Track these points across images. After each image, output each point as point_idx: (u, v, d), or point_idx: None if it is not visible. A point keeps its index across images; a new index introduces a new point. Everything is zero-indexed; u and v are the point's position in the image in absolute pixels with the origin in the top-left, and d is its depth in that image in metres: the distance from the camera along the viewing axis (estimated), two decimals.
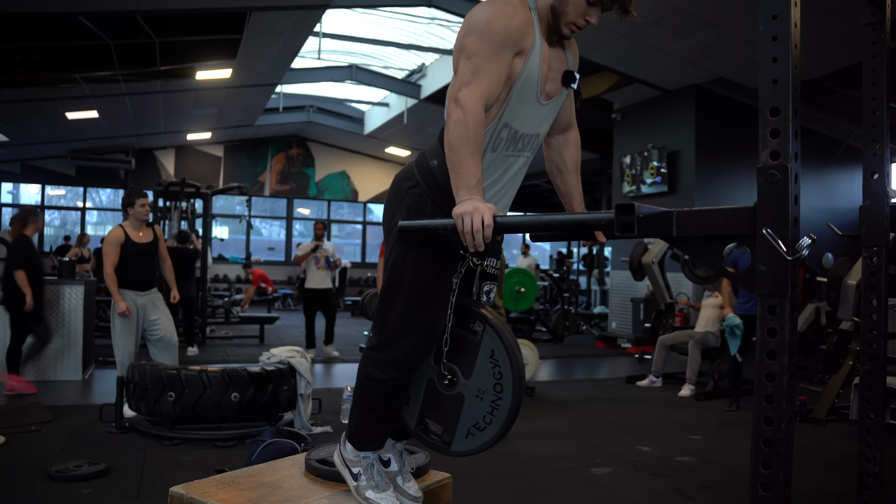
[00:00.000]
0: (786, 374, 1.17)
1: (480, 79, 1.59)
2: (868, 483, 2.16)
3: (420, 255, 1.73)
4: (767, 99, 1.21)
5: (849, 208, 10.21)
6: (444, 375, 1.82)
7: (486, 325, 1.78)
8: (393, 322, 1.77)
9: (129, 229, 4.64)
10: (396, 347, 1.76)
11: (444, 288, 1.76)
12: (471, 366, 1.79)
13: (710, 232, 1.27)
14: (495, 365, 1.75)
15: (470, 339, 1.80)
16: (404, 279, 1.75)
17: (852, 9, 6.00)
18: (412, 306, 1.74)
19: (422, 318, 1.74)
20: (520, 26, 1.63)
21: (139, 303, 4.59)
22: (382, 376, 1.78)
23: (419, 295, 1.74)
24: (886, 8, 2.15)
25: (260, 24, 7.98)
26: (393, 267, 1.77)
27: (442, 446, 1.84)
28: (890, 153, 2.21)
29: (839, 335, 5.33)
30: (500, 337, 1.76)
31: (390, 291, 1.78)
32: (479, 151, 1.58)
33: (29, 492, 2.99)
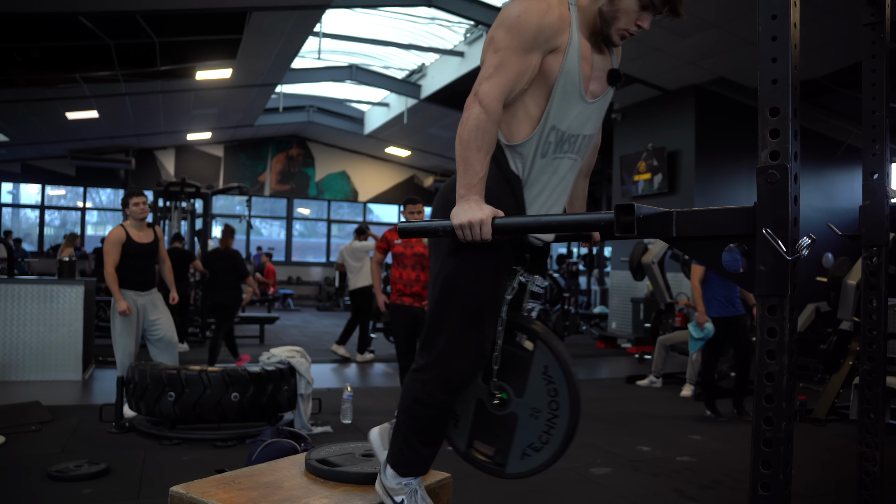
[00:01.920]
0: (785, 374, 1.17)
1: (504, 73, 1.56)
2: (868, 483, 2.16)
3: (476, 269, 1.67)
4: (767, 99, 1.21)
5: (849, 208, 10.21)
6: (495, 395, 1.75)
7: (537, 339, 1.71)
8: (445, 340, 1.68)
9: (130, 229, 4.63)
10: (449, 367, 1.68)
11: (497, 303, 1.70)
12: (523, 383, 1.72)
13: (710, 232, 1.27)
14: (549, 381, 1.68)
15: (520, 355, 1.73)
16: (457, 296, 1.67)
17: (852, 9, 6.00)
18: (465, 323, 1.67)
19: (475, 335, 1.67)
20: (553, 23, 1.59)
21: (139, 303, 4.58)
22: (432, 399, 1.69)
23: (473, 312, 1.67)
24: (886, 8, 2.15)
25: (260, 24, 7.98)
26: (446, 282, 1.69)
27: (495, 468, 1.77)
28: (890, 153, 2.21)
29: (839, 335, 5.33)
30: (554, 352, 1.68)
31: (443, 308, 1.70)
32: (488, 149, 1.56)
33: (29, 492, 2.99)
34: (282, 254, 16.92)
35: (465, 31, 9.99)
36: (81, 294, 5.89)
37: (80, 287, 5.91)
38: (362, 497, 1.89)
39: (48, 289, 5.78)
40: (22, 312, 5.69)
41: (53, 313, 5.76)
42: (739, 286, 1.28)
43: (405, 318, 4.70)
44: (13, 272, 6.18)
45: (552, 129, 1.67)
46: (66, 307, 5.80)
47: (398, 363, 4.87)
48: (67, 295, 5.82)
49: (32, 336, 5.69)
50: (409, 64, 11.82)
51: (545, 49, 1.60)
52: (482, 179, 1.56)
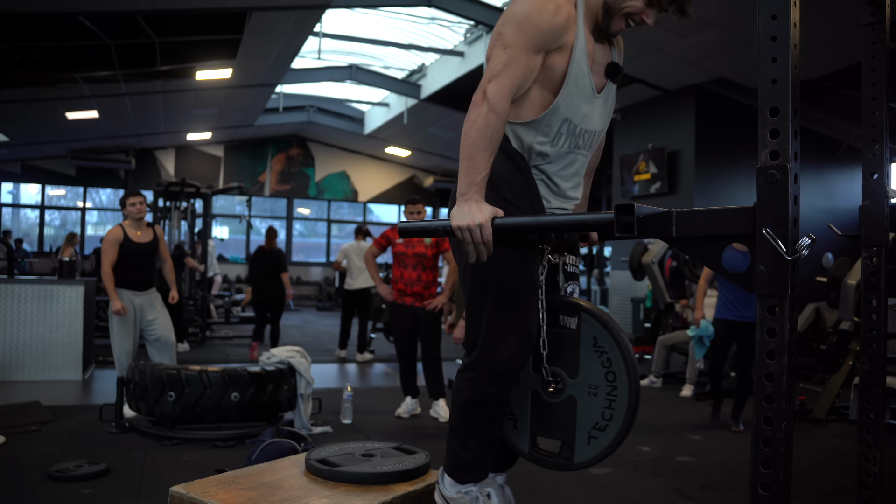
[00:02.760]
0: (785, 374, 1.17)
1: (512, 71, 1.56)
2: (868, 483, 2.16)
3: (501, 256, 1.64)
4: (767, 99, 1.21)
5: (849, 208, 10.21)
6: (549, 382, 1.71)
7: (580, 312, 1.67)
8: (486, 331, 1.66)
9: (129, 229, 4.64)
10: (496, 358, 1.65)
11: (532, 285, 1.67)
12: (574, 362, 1.67)
13: (710, 232, 1.27)
14: (601, 352, 1.63)
15: (567, 334, 1.69)
16: (489, 284, 1.66)
17: (852, 9, 6.00)
18: (503, 309, 1.65)
19: (515, 319, 1.65)
20: (561, 23, 1.59)
21: (137, 302, 4.59)
22: (484, 396, 1.65)
23: (508, 296, 1.65)
24: (886, 8, 2.15)
25: (260, 24, 7.98)
26: (474, 276, 1.69)
27: (564, 462, 1.71)
28: (890, 153, 2.21)
29: (839, 335, 5.33)
30: (600, 321, 1.64)
31: (477, 302, 1.69)
32: (493, 148, 1.56)
33: (29, 492, 2.99)
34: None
35: (465, 31, 9.98)
36: (81, 294, 5.89)
37: (80, 287, 5.91)
38: (362, 497, 1.89)
39: (48, 289, 5.78)
40: (22, 312, 5.69)
41: (53, 313, 5.77)
42: (740, 286, 1.27)
43: (406, 318, 4.70)
44: (13, 272, 6.18)
45: (565, 120, 1.67)
46: (66, 307, 5.80)
47: (398, 363, 4.87)
48: (67, 295, 5.82)
49: (32, 336, 5.69)
50: (409, 64, 11.82)
51: (551, 48, 1.61)
52: (484, 178, 1.56)
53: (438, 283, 4.97)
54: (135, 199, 4.63)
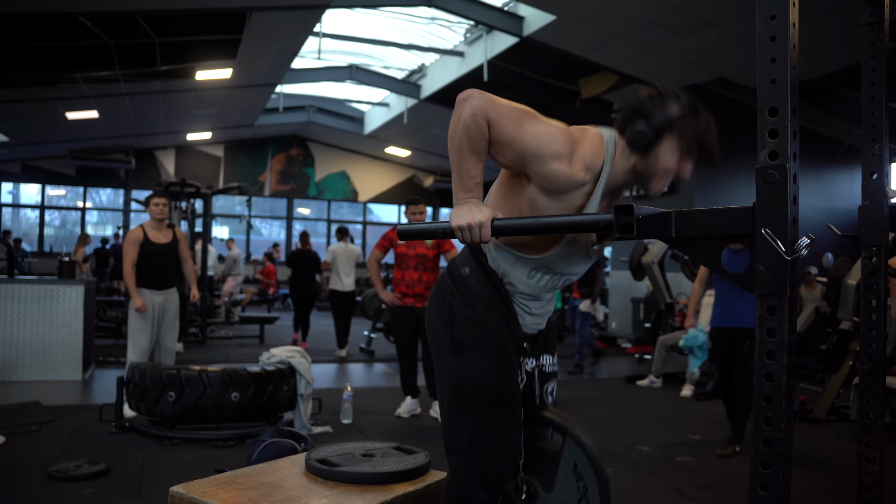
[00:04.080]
0: (785, 374, 1.17)
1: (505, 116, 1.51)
2: (868, 483, 2.16)
3: (481, 361, 1.66)
4: (766, 99, 1.21)
5: (848, 208, 10.20)
6: (522, 489, 1.72)
7: (566, 435, 1.69)
8: (470, 438, 1.65)
9: (149, 229, 4.74)
10: (480, 466, 1.64)
11: (514, 390, 1.68)
12: (551, 479, 1.69)
13: (709, 232, 1.27)
14: (579, 478, 1.66)
15: (548, 449, 1.71)
16: (471, 391, 1.66)
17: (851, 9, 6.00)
18: (486, 415, 1.64)
19: (500, 426, 1.65)
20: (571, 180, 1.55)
21: (156, 301, 4.68)
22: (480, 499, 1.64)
23: (491, 401, 1.65)
24: (885, 8, 2.15)
25: (260, 24, 7.99)
26: (453, 380, 1.68)
27: None
28: (889, 153, 2.21)
29: (839, 335, 5.33)
30: (584, 449, 1.66)
31: (458, 407, 1.68)
32: (479, 156, 1.54)
33: (29, 492, 2.99)
34: (282, 254, 16.92)
35: (465, 31, 9.98)
36: (81, 294, 5.89)
37: (80, 287, 5.91)
38: (362, 497, 1.89)
39: (48, 289, 5.78)
40: (22, 312, 5.69)
41: (53, 313, 5.76)
42: (740, 286, 1.27)
43: (407, 319, 4.70)
44: (13, 272, 6.18)
45: (549, 269, 1.68)
46: (66, 307, 5.80)
47: (399, 363, 4.87)
48: (67, 295, 5.82)
49: (32, 336, 5.69)
50: (409, 64, 11.82)
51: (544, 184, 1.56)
52: (479, 183, 1.56)
53: None
54: (159, 200, 4.74)
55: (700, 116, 1.55)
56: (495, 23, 8.41)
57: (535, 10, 7.77)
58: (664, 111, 1.53)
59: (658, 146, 1.55)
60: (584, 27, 7.50)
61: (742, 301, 4.08)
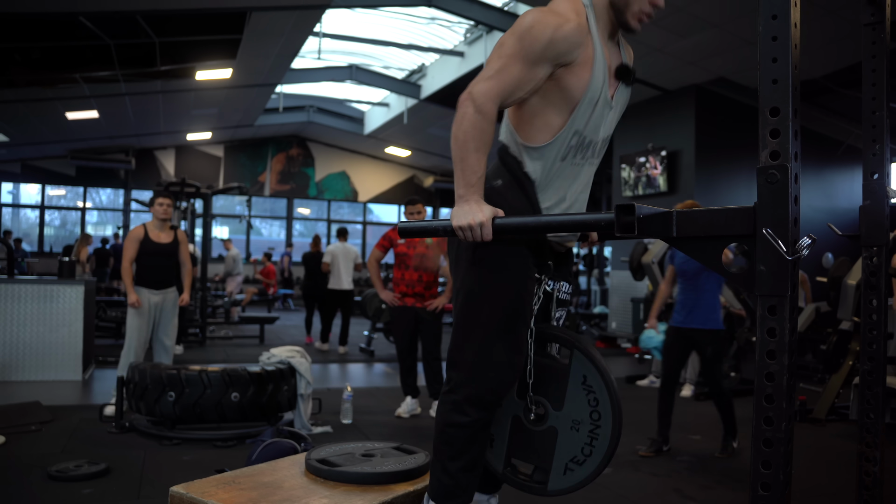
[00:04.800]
0: (785, 374, 1.17)
1: (503, 77, 1.54)
2: (868, 483, 2.16)
3: (497, 280, 1.63)
4: (767, 99, 1.21)
5: (849, 208, 10.21)
6: (532, 410, 1.70)
7: (574, 349, 1.68)
8: (473, 356, 1.63)
9: (151, 228, 4.78)
10: (479, 384, 1.62)
11: (525, 313, 1.66)
12: (561, 395, 1.68)
13: (710, 232, 1.27)
14: (589, 391, 1.65)
15: (556, 367, 1.70)
16: (482, 308, 1.63)
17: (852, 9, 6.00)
18: (494, 336, 1.62)
19: (504, 348, 1.62)
20: (568, 36, 1.54)
21: (153, 301, 4.70)
22: (465, 419, 1.63)
23: (500, 322, 1.62)
24: (886, 8, 2.15)
25: (260, 24, 7.99)
26: (468, 296, 1.65)
27: (536, 486, 1.72)
28: (890, 153, 2.21)
29: (839, 335, 5.33)
30: (592, 360, 1.65)
31: (467, 323, 1.65)
32: (485, 149, 1.55)
33: (29, 492, 2.99)
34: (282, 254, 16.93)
35: (465, 31, 9.99)
36: (81, 294, 5.89)
37: (80, 287, 5.91)
38: (362, 497, 1.89)
39: (48, 289, 5.78)
40: (22, 312, 5.69)
41: (53, 313, 5.76)
42: (740, 287, 1.27)
43: (407, 319, 4.71)
44: (13, 272, 6.18)
45: (575, 132, 1.64)
46: (66, 307, 5.80)
47: (399, 363, 4.87)
48: (67, 295, 5.82)
49: (32, 336, 5.69)
50: (409, 64, 11.82)
51: (557, 63, 1.56)
52: (480, 179, 1.55)
53: (440, 284, 4.97)
54: (163, 201, 4.77)
55: None
56: (495, 23, 8.42)
57: None
58: None
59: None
60: None
61: (701, 302, 3.99)
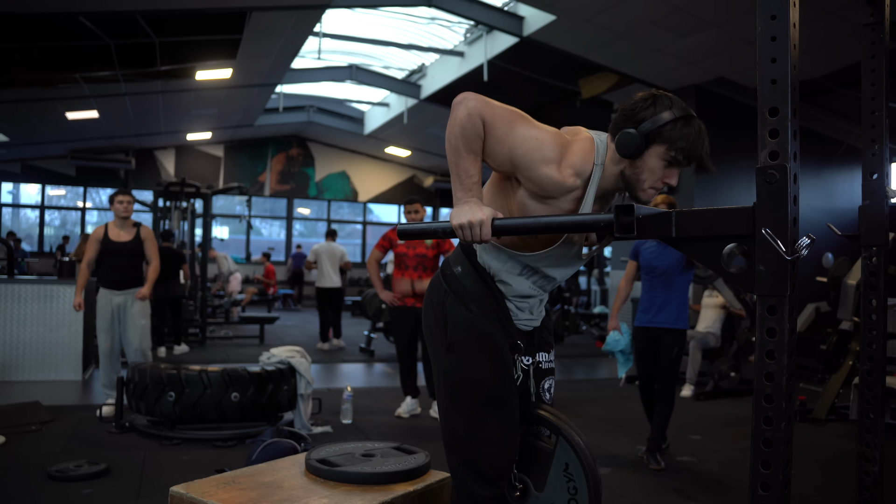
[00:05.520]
0: (785, 374, 1.17)
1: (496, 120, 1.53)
2: (868, 483, 2.16)
3: (476, 357, 1.67)
4: (766, 99, 1.21)
5: (848, 208, 10.20)
6: (515, 486, 1.73)
7: (559, 435, 1.70)
8: (465, 437, 1.66)
9: (112, 227, 4.60)
10: (477, 461, 1.65)
11: (509, 385, 1.68)
12: (543, 478, 1.70)
13: (710, 232, 1.27)
14: (570, 479, 1.67)
15: (542, 448, 1.72)
16: (466, 389, 1.66)
17: (852, 9, 6.00)
18: (482, 411, 1.65)
19: (496, 421, 1.65)
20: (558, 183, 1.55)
21: (115, 302, 4.53)
22: (476, 499, 1.64)
23: (486, 398, 1.65)
24: (885, 8, 2.15)
25: (260, 24, 7.98)
26: (449, 381, 1.69)
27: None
28: (889, 153, 2.21)
29: (839, 335, 5.33)
30: (576, 450, 1.67)
31: (453, 404, 1.68)
32: (477, 151, 1.55)
33: (29, 492, 2.99)
34: (282, 254, 16.93)
35: (465, 31, 9.98)
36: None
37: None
38: (362, 497, 1.89)
39: (48, 289, 5.78)
40: (22, 312, 5.69)
41: (53, 313, 5.76)
42: (740, 286, 1.27)
43: (407, 319, 4.71)
44: (13, 272, 6.18)
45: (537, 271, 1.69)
46: (66, 307, 5.80)
47: (399, 363, 4.87)
48: (67, 295, 5.82)
49: (32, 336, 5.70)
50: (409, 64, 11.82)
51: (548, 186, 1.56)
52: (477, 182, 1.56)
53: None
54: (123, 198, 4.57)
55: (691, 123, 1.52)
56: (495, 23, 8.41)
57: (535, 10, 7.77)
58: (654, 116, 1.51)
59: (646, 152, 1.53)
60: (584, 27, 7.50)
61: (672, 301, 3.86)
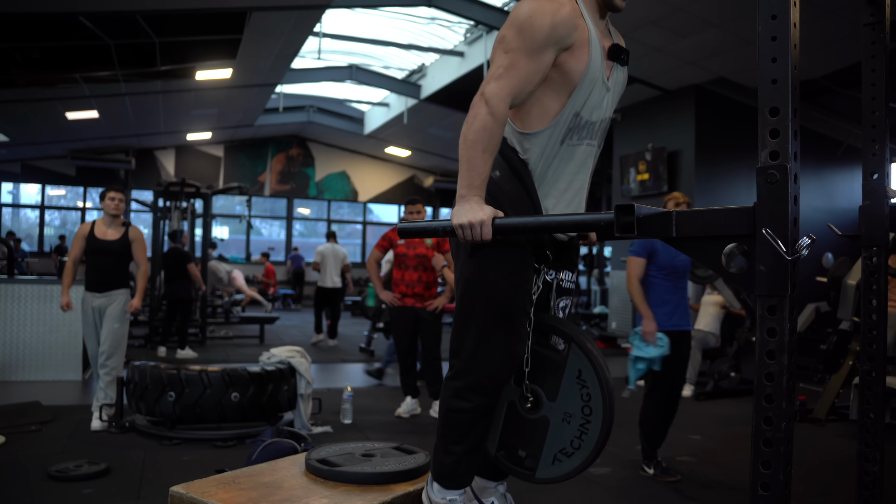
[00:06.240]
0: (785, 374, 1.17)
1: (513, 74, 1.54)
2: (868, 483, 2.16)
3: (496, 270, 1.64)
4: (767, 99, 1.21)
5: (849, 208, 10.20)
6: (527, 398, 1.73)
7: (571, 343, 1.69)
8: (472, 345, 1.66)
9: (99, 225, 4.34)
10: (479, 371, 1.65)
11: (523, 303, 1.67)
12: (555, 387, 1.70)
13: (710, 232, 1.27)
14: (583, 386, 1.66)
15: (553, 358, 1.71)
16: (480, 297, 1.65)
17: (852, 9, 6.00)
18: (491, 325, 1.64)
19: (503, 336, 1.64)
20: (565, 21, 1.56)
21: (95, 304, 4.29)
22: (466, 405, 1.66)
23: (497, 312, 1.64)
24: (886, 8, 2.15)
25: (260, 24, 7.98)
26: (466, 286, 1.68)
27: (525, 472, 1.76)
28: (889, 153, 2.21)
29: (839, 335, 5.33)
30: (588, 356, 1.67)
31: (466, 312, 1.68)
32: (492, 150, 1.55)
33: (29, 492, 2.99)
34: (282, 254, 16.92)
35: (465, 31, 9.98)
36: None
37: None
38: (362, 497, 1.89)
39: (48, 289, 5.78)
40: (22, 312, 5.69)
41: (53, 313, 5.76)
42: (740, 286, 1.27)
43: (407, 319, 4.71)
44: (13, 272, 6.18)
45: (574, 115, 1.64)
46: None
47: (399, 363, 4.87)
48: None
49: (32, 336, 5.69)
50: (409, 64, 11.82)
51: (559, 48, 1.57)
52: (484, 181, 1.56)
53: (439, 284, 4.97)
54: (114, 195, 4.30)
55: None
56: (495, 23, 8.41)
57: None
58: None
59: None
60: None
61: (683, 302, 3.62)
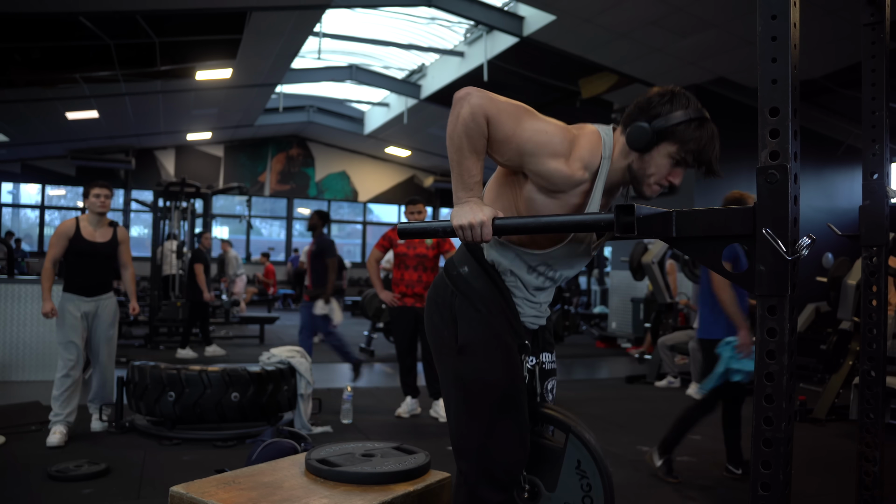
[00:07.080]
0: (785, 374, 1.17)
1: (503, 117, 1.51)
2: (868, 483, 2.16)
3: (486, 363, 1.65)
4: (767, 99, 1.21)
5: (849, 208, 10.20)
6: (524, 488, 1.71)
7: (569, 433, 1.68)
8: (479, 439, 1.63)
9: (84, 224, 3.97)
10: (492, 465, 1.62)
11: (520, 390, 1.67)
12: (554, 478, 1.68)
13: (710, 232, 1.27)
14: (583, 476, 1.65)
15: (551, 447, 1.70)
16: (479, 393, 1.65)
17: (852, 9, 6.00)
18: (497, 416, 1.63)
19: (509, 425, 1.64)
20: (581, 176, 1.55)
21: (83, 310, 3.91)
22: (494, 500, 1.62)
23: (499, 402, 1.63)
24: (886, 8, 2.15)
25: (260, 24, 7.99)
26: (462, 384, 1.66)
27: None
28: (890, 153, 2.21)
29: (839, 335, 5.33)
30: (587, 447, 1.66)
31: (466, 409, 1.66)
32: (480, 151, 1.54)
33: (29, 492, 2.99)
34: (282, 254, 16.92)
35: (465, 31, 9.98)
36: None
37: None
38: (362, 497, 1.88)
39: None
40: (22, 312, 5.69)
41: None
42: (740, 286, 1.27)
43: (407, 319, 4.71)
44: (13, 272, 6.18)
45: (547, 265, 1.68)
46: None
47: (399, 363, 4.87)
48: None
49: (32, 336, 5.69)
50: (409, 64, 11.82)
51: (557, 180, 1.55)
52: (478, 182, 1.55)
53: None
54: (100, 191, 3.92)
55: (704, 126, 1.53)
56: (495, 23, 8.42)
57: (535, 9, 7.77)
58: (669, 113, 1.52)
59: (656, 148, 1.54)
60: (584, 27, 7.50)
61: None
